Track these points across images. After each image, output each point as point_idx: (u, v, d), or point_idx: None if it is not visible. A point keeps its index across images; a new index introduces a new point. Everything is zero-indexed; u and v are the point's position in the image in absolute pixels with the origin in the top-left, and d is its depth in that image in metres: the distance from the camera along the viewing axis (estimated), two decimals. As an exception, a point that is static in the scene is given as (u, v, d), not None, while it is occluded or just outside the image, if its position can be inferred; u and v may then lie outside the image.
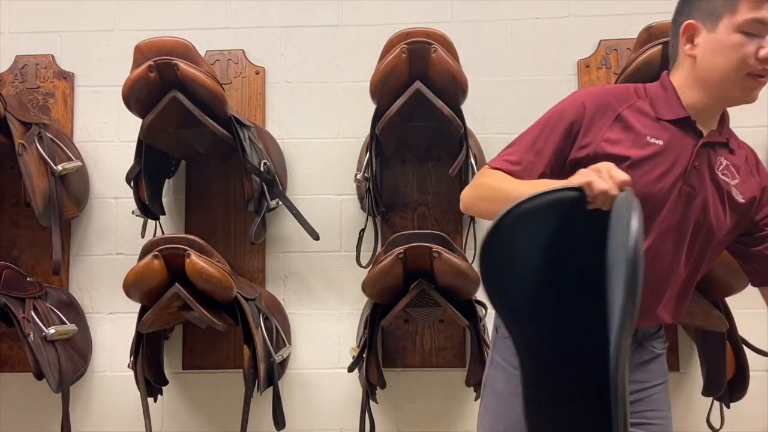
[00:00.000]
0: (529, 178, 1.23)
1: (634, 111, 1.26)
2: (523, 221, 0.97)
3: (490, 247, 0.97)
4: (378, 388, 1.91)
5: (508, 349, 1.31)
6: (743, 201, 1.27)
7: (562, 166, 1.25)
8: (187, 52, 1.85)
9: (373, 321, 1.89)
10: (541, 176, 1.24)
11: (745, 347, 1.80)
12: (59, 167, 2.01)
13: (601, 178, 1.00)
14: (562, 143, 1.25)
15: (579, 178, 1.01)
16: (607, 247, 0.97)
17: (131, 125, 2.10)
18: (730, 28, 1.20)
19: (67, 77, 2.28)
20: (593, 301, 0.96)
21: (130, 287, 1.77)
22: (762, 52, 1.18)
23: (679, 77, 1.29)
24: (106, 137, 2.28)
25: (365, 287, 1.86)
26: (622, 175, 1.00)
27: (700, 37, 1.25)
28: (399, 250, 1.68)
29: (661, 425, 1.31)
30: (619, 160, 1.15)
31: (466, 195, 1.31)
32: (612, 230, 0.96)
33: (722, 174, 1.25)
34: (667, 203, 1.22)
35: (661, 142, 1.23)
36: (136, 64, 1.84)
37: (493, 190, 1.24)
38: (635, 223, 0.88)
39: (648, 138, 1.23)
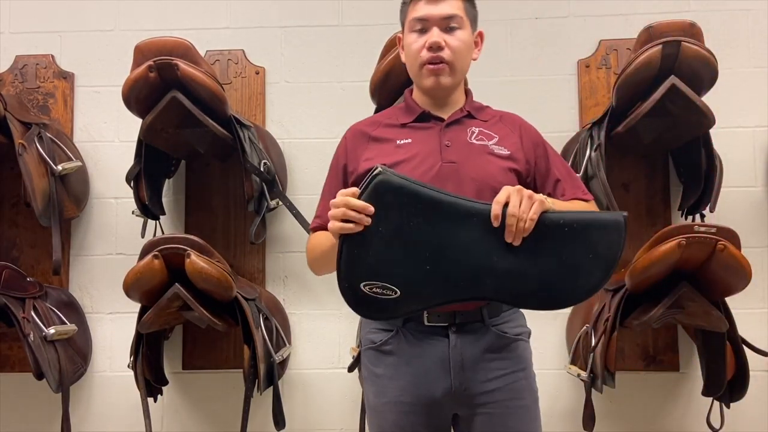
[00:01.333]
0: None
1: (384, 127, 1.48)
2: (351, 283, 1.25)
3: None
4: (378, 388, 1.91)
5: (369, 358, 1.44)
6: (508, 152, 1.42)
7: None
8: (187, 52, 1.85)
9: (373, 321, 1.89)
10: None
11: (745, 347, 1.80)
12: (59, 167, 2.01)
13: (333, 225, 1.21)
14: (344, 182, 1.46)
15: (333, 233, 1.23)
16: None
17: (131, 125, 2.10)
18: (407, 30, 1.44)
19: (67, 77, 2.28)
20: None
21: (130, 287, 1.77)
22: (429, 42, 1.38)
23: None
24: (106, 137, 2.28)
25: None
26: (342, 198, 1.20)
27: (402, 43, 1.49)
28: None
29: (522, 413, 1.38)
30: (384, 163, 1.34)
31: (309, 265, 1.51)
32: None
33: (477, 140, 1.42)
34: (439, 178, 1.36)
35: (409, 140, 1.42)
36: (136, 64, 1.84)
37: (313, 252, 1.46)
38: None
39: (398, 142, 1.43)
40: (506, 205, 1.19)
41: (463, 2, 1.43)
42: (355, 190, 1.20)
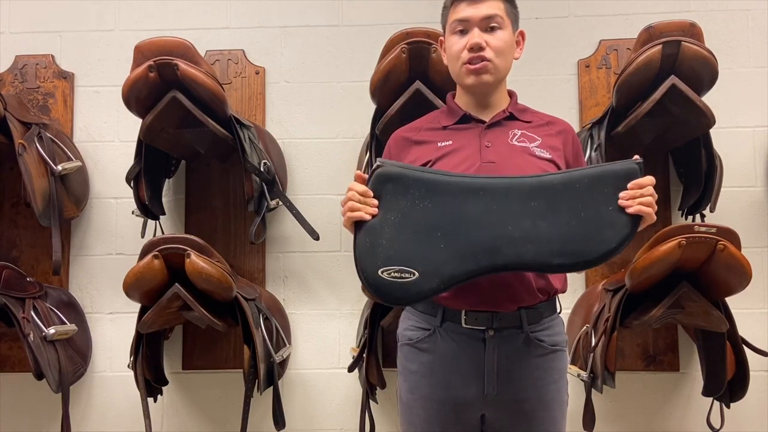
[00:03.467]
0: None
1: (426, 131, 1.51)
2: (369, 271, 1.27)
3: None
4: (378, 388, 1.91)
5: (405, 354, 1.47)
6: (549, 156, 1.42)
7: None
8: (187, 52, 1.85)
9: (373, 321, 1.89)
10: None
11: (745, 347, 1.80)
12: (59, 167, 2.00)
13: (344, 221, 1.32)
14: None
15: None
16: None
17: (131, 125, 2.10)
18: (449, 33, 1.47)
19: (67, 77, 2.28)
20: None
21: (130, 287, 1.77)
22: (470, 43, 1.41)
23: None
24: (106, 137, 2.28)
25: (365, 288, 1.86)
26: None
27: (444, 46, 1.52)
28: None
29: (549, 424, 1.41)
30: (424, 164, 1.42)
31: None
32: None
33: (519, 142, 1.43)
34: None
35: (450, 142, 1.45)
36: (136, 64, 1.83)
37: None
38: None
39: (439, 144, 1.46)
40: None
41: (503, 3, 1.45)
42: (359, 183, 1.29)
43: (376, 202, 1.27)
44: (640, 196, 1.22)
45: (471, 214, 1.25)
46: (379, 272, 1.25)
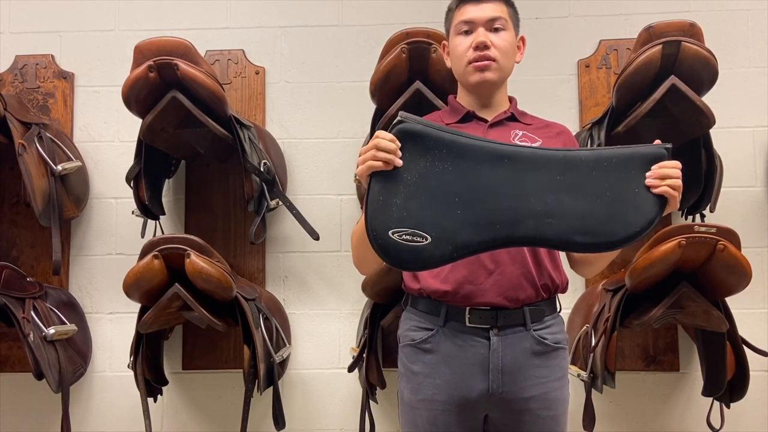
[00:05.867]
0: None
1: None
2: (380, 229, 1.19)
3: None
4: (378, 388, 1.91)
5: (407, 355, 1.46)
6: None
7: None
8: (187, 52, 1.85)
9: (373, 321, 1.89)
10: None
11: (745, 347, 1.80)
12: (59, 167, 2.00)
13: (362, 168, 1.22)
14: None
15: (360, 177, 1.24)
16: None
17: (131, 125, 2.10)
18: (453, 34, 1.50)
19: (67, 77, 2.28)
20: None
21: (130, 287, 1.77)
22: (476, 41, 1.43)
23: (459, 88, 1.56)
24: (106, 137, 2.28)
25: (365, 287, 1.86)
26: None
27: (447, 49, 1.55)
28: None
29: (552, 422, 1.41)
30: None
31: (353, 259, 1.50)
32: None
33: (520, 141, 1.45)
34: None
35: None
36: (136, 64, 1.83)
37: (354, 240, 1.45)
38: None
39: None
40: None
41: (506, 6, 1.49)
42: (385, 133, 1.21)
43: (400, 154, 1.18)
44: (668, 177, 1.19)
45: (493, 181, 1.19)
46: (390, 233, 1.18)
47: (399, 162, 1.18)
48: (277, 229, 2.22)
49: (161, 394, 2.00)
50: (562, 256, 1.51)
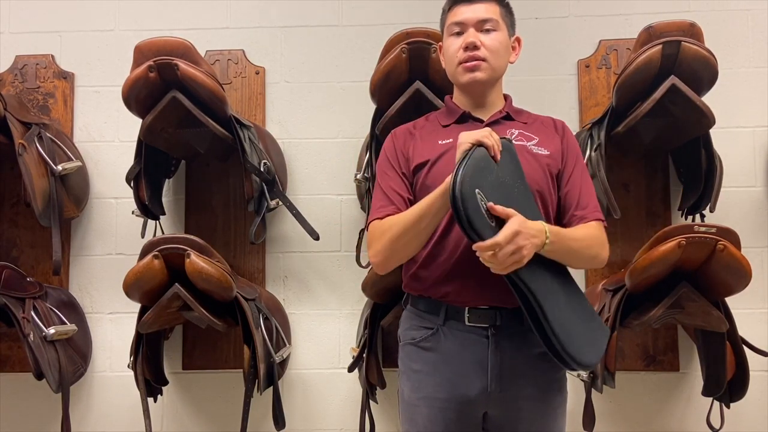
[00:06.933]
0: (405, 208, 1.45)
1: (426, 129, 1.55)
2: (468, 182, 1.24)
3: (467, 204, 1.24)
4: (378, 388, 1.91)
5: (408, 354, 1.48)
6: (547, 152, 1.47)
7: (411, 181, 1.51)
8: (187, 52, 1.85)
9: (373, 321, 1.89)
10: (410, 202, 1.47)
11: (745, 347, 1.80)
12: (59, 167, 2.00)
13: (477, 135, 1.31)
14: (404, 166, 1.51)
15: (464, 141, 1.31)
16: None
17: (131, 125, 2.10)
18: (446, 35, 1.52)
19: (67, 77, 2.28)
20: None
21: (130, 287, 1.77)
22: (465, 42, 1.45)
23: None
24: (106, 137, 2.28)
25: (365, 288, 1.86)
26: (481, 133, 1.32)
27: (442, 51, 1.56)
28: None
29: (550, 420, 1.44)
30: (423, 164, 1.47)
31: (377, 253, 1.44)
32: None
33: (517, 140, 1.46)
34: None
35: (450, 140, 1.45)
36: (136, 64, 1.83)
37: (393, 228, 1.41)
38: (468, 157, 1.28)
39: (439, 142, 1.49)
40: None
41: (499, 7, 1.50)
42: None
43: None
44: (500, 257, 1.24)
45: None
46: (476, 191, 1.24)
47: (498, 153, 1.30)
48: (277, 229, 2.22)
49: (161, 394, 2.00)
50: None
